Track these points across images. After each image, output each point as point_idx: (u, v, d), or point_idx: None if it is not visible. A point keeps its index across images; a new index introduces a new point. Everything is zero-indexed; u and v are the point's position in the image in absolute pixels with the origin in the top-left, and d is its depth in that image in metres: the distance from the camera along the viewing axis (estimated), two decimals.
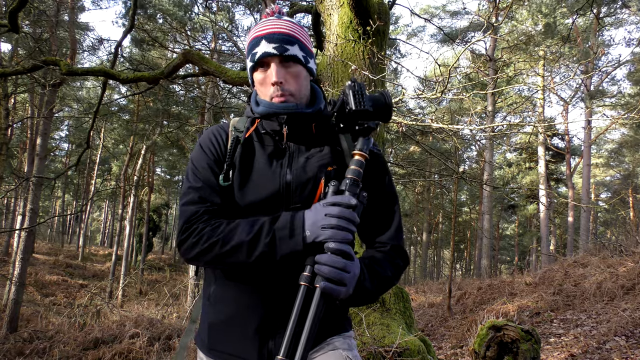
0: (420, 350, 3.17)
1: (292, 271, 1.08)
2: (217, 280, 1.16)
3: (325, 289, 0.96)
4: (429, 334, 6.82)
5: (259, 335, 1.09)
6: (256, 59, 1.13)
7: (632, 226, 12.91)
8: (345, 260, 0.98)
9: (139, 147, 19.24)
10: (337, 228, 0.99)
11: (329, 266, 0.97)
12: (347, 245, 1.00)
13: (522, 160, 23.72)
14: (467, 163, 22.18)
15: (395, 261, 1.18)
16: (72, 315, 8.89)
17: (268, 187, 1.12)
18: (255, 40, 1.15)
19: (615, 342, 4.46)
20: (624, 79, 19.87)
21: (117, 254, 18.14)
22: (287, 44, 1.13)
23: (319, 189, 1.10)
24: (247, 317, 1.10)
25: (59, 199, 34.78)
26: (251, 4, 14.75)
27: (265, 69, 1.15)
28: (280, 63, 1.13)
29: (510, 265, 28.80)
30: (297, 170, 1.13)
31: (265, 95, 1.16)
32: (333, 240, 0.98)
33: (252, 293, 1.10)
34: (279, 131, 1.16)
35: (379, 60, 3.93)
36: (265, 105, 1.16)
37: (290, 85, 1.14)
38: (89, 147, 7.72)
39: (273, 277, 1.09)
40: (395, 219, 1.22)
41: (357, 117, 1.11)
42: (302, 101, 1.17)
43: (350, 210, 1.01)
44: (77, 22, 14.87)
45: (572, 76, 13.98)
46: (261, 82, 1.16)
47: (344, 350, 1.14)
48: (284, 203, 1.11)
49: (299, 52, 1.15)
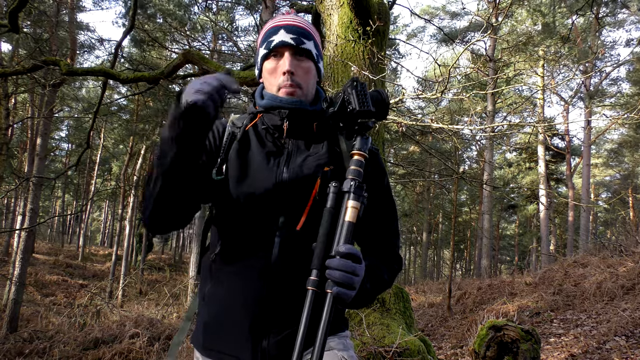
0: (420, 350, 3.18)
1: (286, 270, 1.08)
2: (212, 279, 1.16)
3: (339, 295, 0.95)
4: (429, 334, 6.82)
5: (253, 335, 1.08)
6: (272, 46, 1.14)
7: (632, 226, 12.90)
8: (355, 264, 0.97)
9: (139, 147, 19.25)
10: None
11: (341, 271, 0.95)
12: (355, 249, 0.99)
13: (522, 160, 23.71)
14: (467, 163, 22.19)
15: (391, 265, 1.19)
16: (72, 315, 8.89)
17: (263, 184, 1.11)
18: (274, 29, 1.15)
19: (615, 342, 4.46)
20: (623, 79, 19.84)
21: (117, 254, 18.14)
22: (304, 38, 1.15)
23: (315, 188, 1.10)
24: (240, 316, 1.10)
25: (59, 199, 34.75)
26: (251, 4, 14.74)
27: (277, 59, 1.15)
28: (293, 55, 1.14)
29: (510, 265, 28.80)
30: (294, 168, 1.12)
31: (273, 86, 1.16)
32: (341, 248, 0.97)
33: (245, 292, 1.10)
34: (279, 126, 1.16)
35: (379, 60, 3.94)
36: (269, 99, 1.16)
37: (300, 78, 1.14)
38: (89, 147, 7.72)
39: (267, 276, 1.09)
40: (392, 221, 1.22)
41: (359, 116, 1.11)
42: (308, 98, 1.18)
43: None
44: (77, 22, 14.87)
45: (571, 76, 14.00)
46: (271, 72, 1.16)
47: (339, 350, 1.14)
48: (279, 201, 1.11)
49: (314, 49, 1.17)
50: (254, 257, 1.10)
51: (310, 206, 1.10)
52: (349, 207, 1.01)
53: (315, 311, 0.95)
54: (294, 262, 1.08)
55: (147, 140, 18.52)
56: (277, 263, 1.08)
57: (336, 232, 1.00)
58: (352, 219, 1.01)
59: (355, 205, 1.01)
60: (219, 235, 1.18)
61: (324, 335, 0.92)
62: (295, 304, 1.03)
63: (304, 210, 1.10)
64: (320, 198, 1.09)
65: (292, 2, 8.43)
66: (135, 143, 18.84)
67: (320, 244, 1.01)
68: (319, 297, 0.97)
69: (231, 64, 15.69)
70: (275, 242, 1.09)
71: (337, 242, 0.99)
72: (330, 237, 1.01)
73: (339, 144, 1.18)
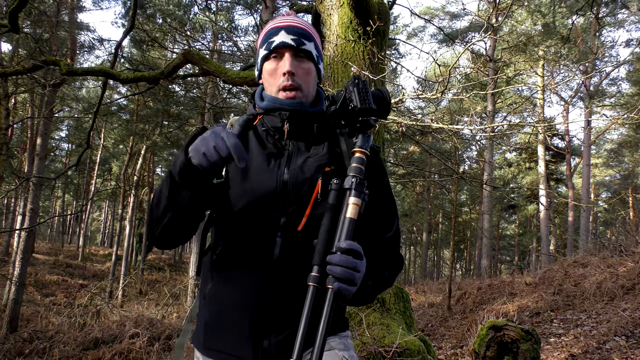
0: (420, 350, 3.18)
1: (288, 271, 1.08)
2: (213, 279, 1.16)
3: (340, 290, 0.95)
4: (429, 334, 6.82)
5: (254, 334, 1.09)
6: (272, 47, 1.14)
7: (632, 226, 12.89)
8: (356, 260, 0.97)
9: (139, 147, 19.23)
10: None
11: (341, 267, 0.95)
12: (356, 244, 0.99)
13: (522, 160, 23.71)
14: (467, 163, 22.15)
15: (392, 263, 1.19)
16: (72, 315, 8.89)
17: (264, 185, 1.11)
18: (274, 30, 1.16)
19: (615, 342, 4.46)
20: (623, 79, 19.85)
21: (117, 254, 18.13)
22: (305, 39, 1.15)
23: (316, 189, 1.10)
24: (241, 316, 1.10)
25: (59, 199, 34.75)
26: (250, 4, 14.74)
27: (278, 60, 1.15)
28: (294, 56, 1.14)
29: (510, 265, 28.79)
30: (295, 169, 1.12)
31: (273, 87, 1.16)
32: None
33: (246, 292, 1.10)
34: (279, 128, 1.16)
35: (379, 60, 3.94)
36: (270, 100, 1.16)
37: (300, 79, 1.15)
38: (89, 147, 7.72)
39: (268, 277, 1.09)
40: (393, 221, 1.22)
41: (361, 114, 1.11)
42: (308, 99, 1.18)
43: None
44: (77, 22, 14.87)
45: (571, 77, 14.00)
46: (271, 73, 1.16)
47: (340, 350, 1.14)
48: (281, 202, 1.11)
49: (314, 50, 1.17)
50: (255, 258, 1.10)
51: (311, 207, 1.10)
52: (350, 203, 1.01)
53: (316, 308, 0.95)
54: (295, 262, 1.08)
55: (147, 140, 18.51)
56: (278, 263, 1.08)
57: (337, 229, 1.00)
58: (353, 215, 1.01)
59: (357, 202, 1.01)
60: (219, 236, 1.18)
61: (324, 332, 0.92)
62: (296, 304, 1.03)
63: (305, 210, 1.10)
64: (322, 199, 1.09)
65: (292, 2, 8.43)
66: (135, 143, 18.82)
67: (322, 241, 1.01)
68: (320, 293, 0.97)
69: (231, 64, 15.69)
70: (276, 243, 1.09)
71: (338, 238, 0.99)
72: (331, 234, 1.01)
73: (340, 145, 1.18)
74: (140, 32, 13.02)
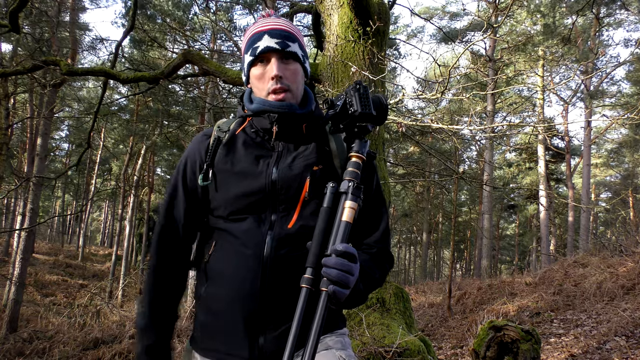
0: (420, 350, 3.18)
1: (280, 268, 1.09)
2: (207, 279, 1.17)
3: (335, 293, 0.96)
4: (429, 334, 6.82)
5: (249, 332, 1.09)
6: (257, 52, 1.14)
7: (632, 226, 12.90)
8: (351, 264, 0.98)
9: (139, 147, 19.23)
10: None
11: (337, 269, 0.96)
12: (352, 248, 0.99)
13: (522, 160, 23.70)
14: (467, 163, 22.14)
15: (382, 264, 1.20)
16: (72, 315, 8.88)
17: (253, 185, 1.13)
18: (257, 35, 1.16)
19: (615, 342, 4.46)
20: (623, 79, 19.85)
21: (117, 254, 18.12)
22: (289, 41, 1.16)
23: (304, 187, 1.11)
24: (236, 314, 1.10)
25: (59, 199, 34.73)
26: (250, 3, 14.74)
27: (264, 64, 1.16)
28: (280, 59, 1.15)
29: (510, 265, 28.77)
30: (284, 169, 1.14)
31: (262, 91, 1.17)
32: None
33: (240, 291, 1.11)
34: (268, 129, 1.17)
35: (379, 60, 3.94)
36: (259, 103, 1.17)
37: (288, 81, 1.15)
38: (90, 147, 7.72)
39: (261, 274, 1.09)
40: (382, 221, 1.23)
41: (361, 119, 1.12)
42: (297, 100, 1.19)
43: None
44: (78, 22, 14.87)
45: (572, 77, 13.98)
46: (259, 78, 1.17)
47: (337, 349, 1.14)
48: (270, 201, 1.12)
49: (299, 51, 1.18)
50: (247, 256, 1.11)
51: (300, 205, 1.12)
52: (346, 207, 1.03)
53: (309, 309, 0.96)
54: (287, 260, 1.09)
55: (147, 140, 18.51)
56: (270, 261, 1.09)
57: (332, 232, 1.02)
58: (349, 219, 1.02)
59: (353, 206, 1.03)
60: (212, 237, 1.19)
61: (317, 334, 0.93)
62: (291, 300, 1.04)
63: (295, 209, 1.11)
64: (311, 197, 1.11)
65: (292, 2, 8.44)
66: (135, 143, 18.81)
67: (316, 243, 1.02)
68: (313, 295, 0.98)
69: (231, 64, 15.69)
70: (267, 241, 1.10)
71: (333, 241, 1.00)
72: (325, 237, 1.02)
73: (329, 143, 1.20)
74: (140, 32, 13.02)
